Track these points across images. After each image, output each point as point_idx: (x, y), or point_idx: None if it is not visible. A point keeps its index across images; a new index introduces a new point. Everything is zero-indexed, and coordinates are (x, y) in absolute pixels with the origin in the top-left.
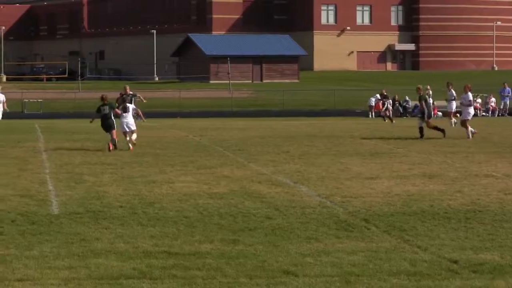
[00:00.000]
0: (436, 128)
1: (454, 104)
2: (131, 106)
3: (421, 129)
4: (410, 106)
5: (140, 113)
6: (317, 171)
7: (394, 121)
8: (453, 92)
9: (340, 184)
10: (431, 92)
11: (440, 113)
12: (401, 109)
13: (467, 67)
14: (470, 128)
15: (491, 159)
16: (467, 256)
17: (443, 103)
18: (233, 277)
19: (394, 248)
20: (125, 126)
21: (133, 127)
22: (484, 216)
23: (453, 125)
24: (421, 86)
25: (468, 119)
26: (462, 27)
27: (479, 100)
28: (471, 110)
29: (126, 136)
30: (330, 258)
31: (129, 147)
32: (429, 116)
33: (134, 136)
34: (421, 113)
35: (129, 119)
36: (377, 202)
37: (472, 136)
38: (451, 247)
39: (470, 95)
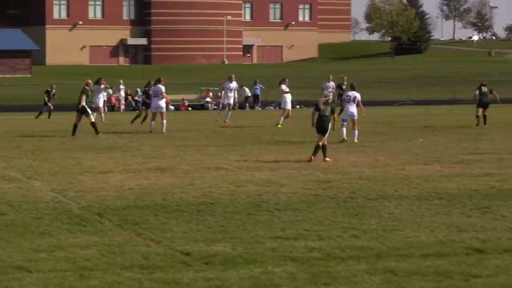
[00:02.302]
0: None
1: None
2: None
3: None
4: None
5: None
6: (50, 166)
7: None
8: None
9: (73, 179)
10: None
11: (172, 107)
12: (133, 103)
13: (198, 61)
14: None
15: (223, 152)
16: (199, 248)
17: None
18: None
19: (127, 241)
20: None
21: None
22: (215, 208)
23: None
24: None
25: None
26: (193, 22)
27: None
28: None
29: None
30: (64, 253)
31: None
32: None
33: None
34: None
35: None
36: (110, 196)
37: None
38: (183, 239)
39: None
